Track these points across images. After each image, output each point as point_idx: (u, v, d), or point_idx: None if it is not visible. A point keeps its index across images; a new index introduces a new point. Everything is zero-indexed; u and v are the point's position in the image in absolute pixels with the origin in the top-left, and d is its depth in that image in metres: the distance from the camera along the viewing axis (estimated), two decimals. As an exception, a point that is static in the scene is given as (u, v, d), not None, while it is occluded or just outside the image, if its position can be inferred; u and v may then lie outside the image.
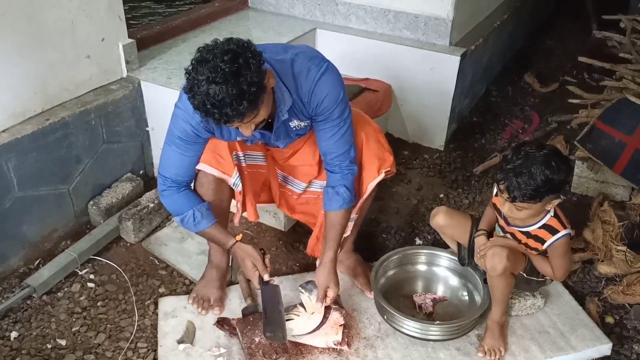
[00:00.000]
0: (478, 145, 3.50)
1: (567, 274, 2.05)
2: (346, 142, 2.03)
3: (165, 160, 2.03)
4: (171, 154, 2.00)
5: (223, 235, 2.11)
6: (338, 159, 2.05)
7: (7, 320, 2.20)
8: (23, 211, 2.38)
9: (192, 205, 2.06)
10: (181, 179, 2.05)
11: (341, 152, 2.04)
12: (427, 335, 2.07)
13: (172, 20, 3.38)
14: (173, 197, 2.06)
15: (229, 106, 1.60)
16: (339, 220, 2.10)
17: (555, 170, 1.77)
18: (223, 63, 1.58)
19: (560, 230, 1.95)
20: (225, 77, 1.57)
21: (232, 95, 1.58)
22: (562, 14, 5.75)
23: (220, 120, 1.65)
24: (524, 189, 1.78)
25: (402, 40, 3.31)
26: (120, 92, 2.67)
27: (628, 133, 2.72)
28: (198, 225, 2.07)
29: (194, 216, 2.05)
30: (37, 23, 2.30)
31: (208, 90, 1.58)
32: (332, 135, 1.99)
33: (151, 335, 2.16)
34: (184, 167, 2.03)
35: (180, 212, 2.07)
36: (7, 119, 2.31)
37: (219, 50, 1.62)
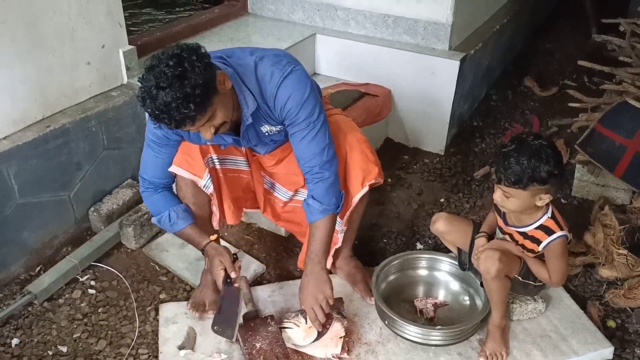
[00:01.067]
0: (478, 149, 3.50)
1: (564, 280, 2.03)
2: (317, 146, 1.95)
3: (143, 162, 2.09)
4: (147, 155, 2.06)
5: (197, 235, 2.10)
6: (309, 164, 1.98)
7: (8, 327, 2.20)
8: (24, 218, 2.38)
9: (168, 206, 2.08)
10: (158, 180, 2.08)
11: (310, 157, 1.97)
12: (429, 340, 2.07)
13: (172, 27, 3.39)
14: (151, 197, 2.10)
15: (176, 110, 1.60)
16: (316, 233, 2.05)
17: (543, 159, 1.79)
18: (167, 68, 1.59)
19: (556, 231, 1.94)
20: (169, 82, 1.58)
21: (177, 98, 1.59)
22: (561, 17, 5.75)
23: (171, 125, 1.66)
24: (510, 173, 1.81)
25: (401, 45, 3.32)
26: (120, 99, 2.68)
27: (628, 136, 2.72)
28: (174, 226, 2.09)
29: (170, 216, 2.08)
30: (37, 30, 2.31)
31: (156, 95, 1.59)
32: (301, 140, 1.95)
33: (152, 342, 2.16)
34: (158, 168, 2.06)
35: (157, 212, 2.10)
36: (8, 126, 2.31)
37: (165, 56, 1.63)
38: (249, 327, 2.08)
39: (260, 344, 2.01)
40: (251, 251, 2.60)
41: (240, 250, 2.58)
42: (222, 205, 2.23)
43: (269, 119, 1.96)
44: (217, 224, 2.25)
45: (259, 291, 2.32)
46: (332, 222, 2.07)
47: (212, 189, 2.12)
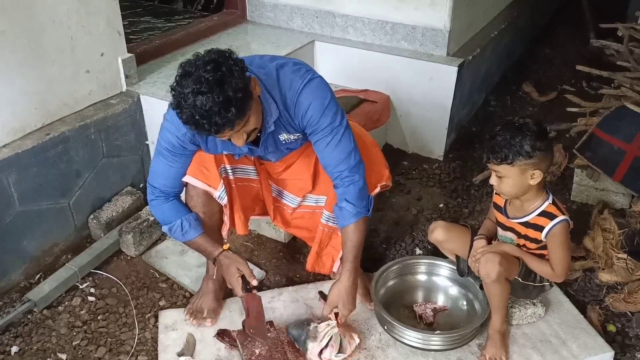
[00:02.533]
0: (477, 154, 3.50)
1: (567, 271, 2.03)
2: (342, 151, 1.97)
3: (154, 170, 2.05)
4: (159, 164, 2.02)
5: (210, 244, 2.09)
6: (337, 169, 1.99)
7: (7, 335, 2.20)
8: (24, 226, 2.39)
9: (180, 215, 2.07)
10: (169, 189, 2.06)
11: (338, 162, 1.98)
12: (428, 345, 2.07)
13: (171, 35, 3.41)
14: (161, 206, 2.07)
15: (217, 115, 1.60)
16: (350, 236, 2.05)
17: (526, 134, 1.84)
18: (206, 73, 1.59)
19: (558, 215, 1.96)
20: (210, 87, 1.58)
21: (219, 103, 1.58)
22: (559, 23, 5.77)
23: (210, 131, 1.64)
24: (496, 149, 1.86)
25: (399, 52, 3.33)
26: (119, 107, 2.69)
27: (627, 141, 2.73)
28: (186, 235, 2.07)
29: (182, 225, 2.06)
30: (36, 39, 2.32)
31: (195, 102, 1.58)
32: (326, 146, 1.96)
33: (152, 349, 2.16)
34: (170, 177, 2.04)
35: (168, 221, 2.07)
36: (7, 134, 2.32)
37: (200, 61, 1.63)
38: (247, 333, 2.08)
39: (259, 350, 2.01)
40: (251, 257, 2.60)
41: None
42: (232, 215, 2.21)
43: (289, 127, 1.96)
44: (226, 233, 2.24)
45: (258, 297, 2.32)
46: (365, 225, 2.08)
47: (227, 200, 2.12)
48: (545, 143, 1.88)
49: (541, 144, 1.85)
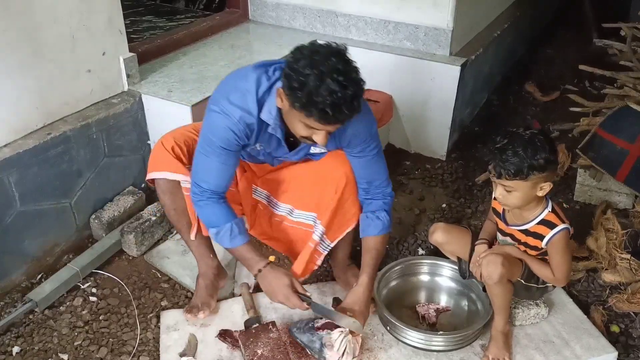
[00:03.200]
0: (480, 154, 3.49)
1: (568, 277, 2.03)
2: (384, 167, 2.11)
3: (204, 170, 1.97)
4: (211, 163, 1.95)
5: (255, 254, 2.06)
6: (382, 185, 2.11)
7: (9, 335, 2.20)
8: (25, 226, 2.38)
9: (230, 218, 2.02)
10: (222, 189, 2.01)
11: (384, 179, 2.11)
12: (431, 346, 2.06)
13: (173, 34, 3.40)
14: (212, 208, 2.01)
15: (348, 105, 1.65)
16: (376, 246, 2.12)
17: (539, 147, 1.81)
18: (340, 64, 1.64)
19: (558, 224, 1.94)
20: (346, 76, 1.63)
21: (351, 95, 1.64)
22: (562, 22, 5.76)
23: (331, 119, 1.67)
24: (508, 165, 1.82)
25: (402, 51, 3.32)
26: (121, 106, 2.68)
27: (630, 141, 2.72)
28: (233, 241, 2.03)
29: (232, 230, 2.02)
30: (37, 38, 2.32)
31: (331, 88, 1.61)
32: (374, 163, 2.07)
33: (153, 349, 2.16)
34: (225, 177, 2.00)
35: (217, 224, 2.02)
36: (9, 133, 2.32)
37: (324, 49, 1.68)
38: (250, 333, 2.08)
39: (261, 350, 2.00)
40: (252, 258, 2.59)
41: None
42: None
43: (329, 143, 1.93)
44: (194, 235, 2.20)
45: (260, 297, 2.31)
46: (387, 240, 2.20)
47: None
48: (555, 154, 1.86)
49: (553, 156, 1.83)
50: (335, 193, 2.10)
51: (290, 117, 1.79)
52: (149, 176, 2.13)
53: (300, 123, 1.75)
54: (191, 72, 2.98)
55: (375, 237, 2.12)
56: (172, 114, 2.69)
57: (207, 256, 2.29)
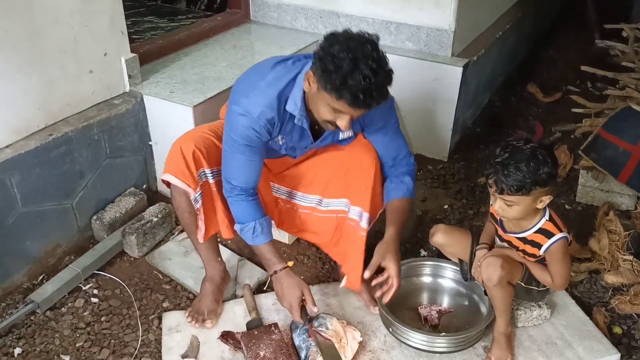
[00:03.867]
0: (482, 156, 3.49)
1: (567, 282, 2.02)
2: (406, 142, 2.21)
3: (231, 169, 2.03)
4: (237, 161, 2.00)
5: (275, 255, 2.11)
6: (405, 158, 2.20)
7: (10, 337, 2.19)
8: (26, 227, 2.38)
9: (256, 217, 2.07)
10: (251, 185, 2.05)
11: (407, 151, 2.21)
12: (433, 347, 2.05)
13: (174, 35, 3.40)
14: (240, 205, 2.07)
15: (379, 91, 1.72)
16: (402, 205, 2.17)
17: (541, 162, 1.79)
18: (374, 51, 1.71)
19: (556, 233, 1.93)
20: (379, 63, 1.70)
21: (382, 82, 1.72)
22: (564, 23, 5.75)
23: (361, 104, 1.72)
24: (511, 181, 1.79)
25: (404, 52, 3.31)
26: (123, 107, 2.68)
27: (632, 142, 2.71)
28: (255, 239, 2.09)
29: (254, 229, 2.07)
30: (39, 39, 2.31)
31: (364, 72, 1.66)
32: (396, 138, 2.16)
33: (155, 351, 2.15)
34: (253, 173, 2.04)
35: (243, 221, 2.08)
36: (10, 134, 2.32)
37: (356, 37, 1.75)
38: (252, 335, 2.08)
39: (263, 352, 2.00)
40: (254, 259, 2.59)
41: (244, 258, 2.58)
42: (213, 219, 2.20)
43: (354, 123, 1.99)
44: (202, 238, 2.20)
45: (262, 299, 2.31)
46: (410, 204, 2.25)
47: (201, 204, 2.11)
48: (556, 167, 1.84)
49: (555, 170, 1.82)
50: (369, 177, 2.14)
51: (317, 99, 1.82)
52: (163, 177, 2.12)
53: (327, 106, 1.79)
54: (193, 73, 2.98)
55: (399, 199, 2.17)
56: (174, 115, 2.69)
57: (215, 260, 2.29)
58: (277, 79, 1.92)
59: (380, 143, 2.15)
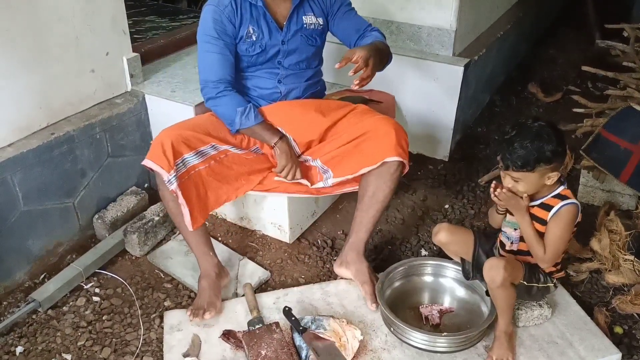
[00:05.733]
0: (483, 155, 3.49)
1: (556, 258, 2.04)
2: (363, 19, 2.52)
3: (208, 67, 2.28)
4: (211, 57, 2.27)
5: (271, 130, 2.32)
6: (367, 28, 2.48)
7: (12, 335, 2.20)
8: (28, 225, 2.38)
9: (245, 102, 2.30)
10: (229, 79, 2.30)
11: (366, 24, 2.49)
12: (435, 347, 2.06)
13: (176, 34, 3.40)
14: (225, 98, 2.29)
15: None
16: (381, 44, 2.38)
17: (545, 139, 1.85)
18: None
19: (571, 198, 1.97)
20: None
21: None
22: (564, 23, 5.75)
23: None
24: (515, 157, 1.87)
25: (405, 51, 3.31)
26: (124, 106, 2.68)
27: (633, 141, 2.71)
28: (257, 117, 2.30)
29: (249, 110, 2.28)
30: (41, 38, 2.32)
31: None
32: (354, 16, 2.49)
33: (157, 349, 2.15)
34: (227, 65, 2.30)
35: (240, 104, 2.28)
36: (12, 133, 2.32)
37: None
38: (253, 334, 2.08)
39: (265, 351, 2.00)
40: (255, 258, 2.59)
41: (245, 257, 2.58)
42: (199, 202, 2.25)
43: (315, 9, 2.39)
44: (189, 224, 2.22)
45: (263, 298, 2.32)
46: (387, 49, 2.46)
47: (176, 185, 2.14)
48: (563, 145, 1.90)
49: (560, 148, 1.87)
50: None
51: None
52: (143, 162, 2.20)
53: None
54: (194, 72, 2.98)
55: (375, 41, 2.39)
56: (176, 114, 2.69)
57: (207, 254, 2.30)
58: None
59: (341, 25, 2.46)
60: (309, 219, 2.79)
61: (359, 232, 2.35)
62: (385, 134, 2.26)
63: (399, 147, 2.24)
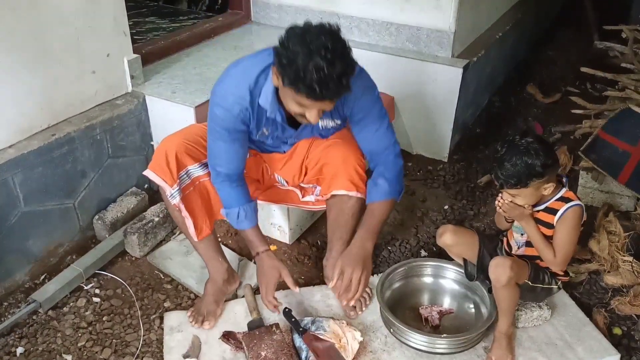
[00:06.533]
0: (482, 156, 3.50)
1: (567, 261, 2.06)
2: (391, 136, 2.13)
3: (214, 154, 2.08)
4: (219, 147, 2.05)
5: (258, 238, 2.18)
6: (386, 152, 2.13)
7: (12, 336, 2.20)
8: (29, 226, 2.39)
9: (240, 203, 2.13)
10: (233, 171, 2.09)
11: (387, 147, 2.12)
12: (434, 348, 2.06)
13: (176, 35, 3.40)
14: (224, 191, 2.13)
15: (337, 82, 1.66)
16: (375, 212, 2.14)
17: (533, 156, 1.88)
18: (329, 42, 1.65)
19: (574, 200, 2.00)
20: (334, 54, 1.64)
21: (339, 71, 1.65)
22: (563, 24, 5.76)
23: (328, 94, 1.68)
24: (507, 177, 1.91)
25: (404, 53, 3.32)
26: (125, 107, 2.69)
27: (632, 143, 2.72)
28: (240, 224, 2.16)
29: (239, 214, 2.13)
30: (42, 40, 2.32)
31: (317, 64, 1.63)
32: (376, 132, 2.08)
33: (157, 350, 2.16)
34: (233, 159, 2.08)
35: (228, 206, 2.14)
36: (14, 134, 2.32)
37: (319, 29, 1.69)
38: (253, 335, 2.08)
39: (265, 352, 2.01)
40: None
41: (245, 258, 2.58)
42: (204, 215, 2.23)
43: (334, 113, 2.04)
44: (194, 236, 2.22)
45: (263, 299, 2.32)
46: (391, 207, 2.18)
47: (179, 199, 2.13)
48: (553, 157, 1.92)
49: (550, 160, 1.90)
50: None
51: (284, 94, 1.83)
52: (144, 172, 2.17)
53: (292, 100, 1.79)
54: (194, 74, 2.99)
55: (373, 204, 2.15)
56: (176, 115, 2.69)
57: (216, 259, 2.29)
58: (249, 68, 1.94)
59: (358, 135, 2.13)
60: (309, 220, 2.79)
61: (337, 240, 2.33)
62: (338, 167, 2.19)
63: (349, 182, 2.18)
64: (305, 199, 2.38)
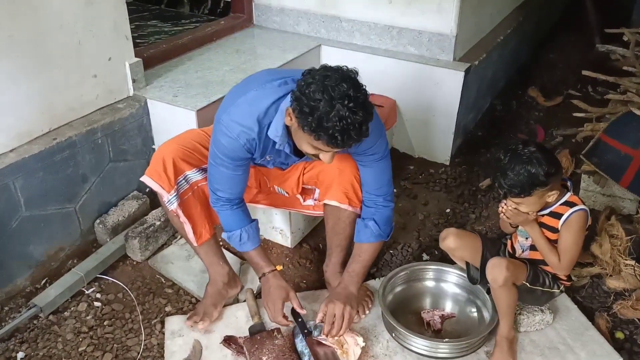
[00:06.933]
0: (483, 159, 3.49)
1: (572, 265, 2.05)
2: (387, 176, 2.13)
3: (216, 180, 2.06)
4: (221, 174, 2.03)
5: (263, 259, 2.18)
6: (380, 191, 2.14)
7: (13, 341, 2.20)
8: (30, 230, 2.38)
9: (241, 225, 2.13)
10: (235, 196, 2.10)
11: (382, 185, 2.13)
12: (436, 353, 2.06)
13: (178, 39, 3.40)
14: (225, 214, 2.13)
15: (357, 132, 1.67)
16: (363, 254, 2.18)
17: (536, 165, 1.88)
18: (351, 90, 1.65)
19: (579, 204, 2.00)
20: (357, 103, 1.64)
21: (360, 120, 1.65)
22: (565, 28, 5.76)
23: (349, 140, 1.68)
24: (511, 186, 1.91)
25: (406, 56, 3.32)
26: (126, 111, 2.69)
27: (634, 146, 2.72)
28: (242, 246, 2.16)
29: (241, 236, 2.14)
30: (43, 44, 2.32)
31: (340, 114, 1.62)
32: (376, 169, 2.09)
33: (158, 355, 2.15)
34: (235, 185, 2.08)
35: (230, 229, 2.14)
36: (15, 138, 2.32)
37: (336, 75, 1.68)
38: (254, 340, 2.08)
39: (266, 357, 2.00)
40: (257, 263, 2.59)
41: (246, 262, 2.58)
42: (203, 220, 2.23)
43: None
44: (194, 240, 2.22)
45: (265, 303, 2.32)
46: (379, 248, 2.23)
47: (177, 205, 2.14)
48: (556, 166, 1.92)
49: (553, 169, 1.89)
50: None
51: (299, 137, 1.81)
52: (141, 178, 2.18)
53: (309, 145, 1.77)
54: (196, 77, 2.99)
55: (362, 245, 2.19)
56: (177, 119, 2.69)
57: (217, 263, 2.29)
58: (258, 99, 1.90)
59: (365, 168, 2.13)
60: (310, 223, 2.79)
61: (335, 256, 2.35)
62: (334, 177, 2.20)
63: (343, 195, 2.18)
64: (306, 202, 2.38)
